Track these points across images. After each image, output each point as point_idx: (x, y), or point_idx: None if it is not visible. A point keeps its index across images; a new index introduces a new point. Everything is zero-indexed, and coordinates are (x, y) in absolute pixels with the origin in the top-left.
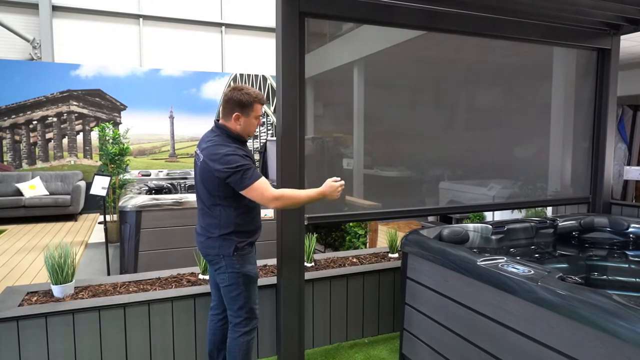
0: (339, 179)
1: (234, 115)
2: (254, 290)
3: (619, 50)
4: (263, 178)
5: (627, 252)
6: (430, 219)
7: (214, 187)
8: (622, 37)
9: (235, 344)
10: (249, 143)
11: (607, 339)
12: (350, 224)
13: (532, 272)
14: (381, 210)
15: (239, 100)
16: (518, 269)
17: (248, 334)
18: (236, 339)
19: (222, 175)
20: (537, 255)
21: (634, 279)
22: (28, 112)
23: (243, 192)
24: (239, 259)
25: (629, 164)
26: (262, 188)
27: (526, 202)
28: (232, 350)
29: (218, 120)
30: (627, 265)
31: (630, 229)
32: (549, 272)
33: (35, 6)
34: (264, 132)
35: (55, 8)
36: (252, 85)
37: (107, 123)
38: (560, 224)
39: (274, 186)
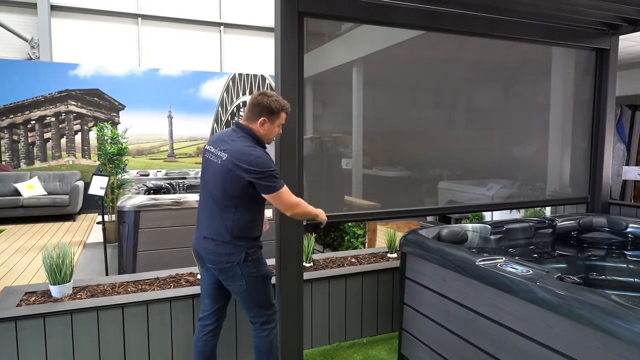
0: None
1: (260, 120)
2: (271, 287)
3: (617, 50)
4: (285, 185)
5: (626, 252)
6: (429, 218)
7: (235, 188)
8: (620, 37)
9: (266, 342)
10: None
11: (605, 338)
12: (349, 224)
13: (531, 272)
14: (378, 210)
15: (268, 106)
16: (517, 269)
17: (275, 329)
18: (265, 337)
19: (251, 177)
20: (535, 255)
21: (632, 279)
22: (26, 112)
23: (269, 196)
24: (254, 262)
25: (627, 164)
26: (288, 193)
27: (525, 202)
28: (263, 349)
29: (238, 122)
30: (625, 265)
31: (628, 229)
32: (548, 272)
33: (33, 6)
34: None
35: (53, 7)
36: (251, 85)
37: (106, 123)
38: (559, 224)
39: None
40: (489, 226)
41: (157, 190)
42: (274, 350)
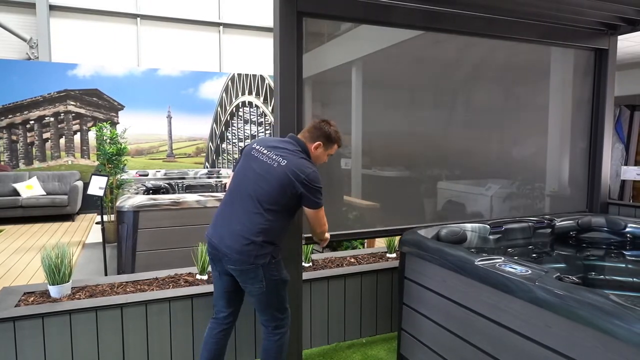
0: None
1: (316, 143)
2: (287, 291)
3: (616, 51)
4: None
5: (625, 252)
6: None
7: (285, 195)
8: (619, 37)
9: (276, 346)
10: (246, 143)
11: (604, 338)
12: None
13: (530, 271)
14: (379, 229)
15: (327, 134)
16: (516, 268)
17: (286, 334)
18: (276, 342)
19: (304, 190)
20: (534, 255)
21: (631, 279)
22: (25, 112)
23: (311, 211)
24: (277, 265)
25: (626, 164)
26: (323, 212)
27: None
28: (272, 352)
29: (295, 136)
30: (624, 265)
31: (627, 229)
32: (547, 272)
33: (32, 5)
34: (262, 132)
35: (52, 7)
36: (250, 85)
37: (105, 123)
38: (557, 224)
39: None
40: (488, 226)
41: (156, 190)
42: (283, 356)
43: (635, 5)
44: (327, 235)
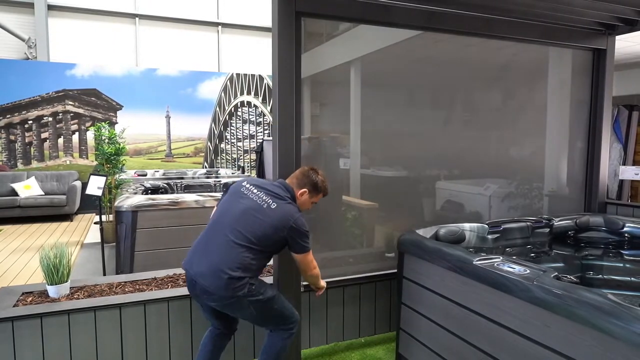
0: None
1: (303, 190)
2: (283, 301)
3: (614, 51)
4: None
5: (623, 252)
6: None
7: (270, 237)
8: (617, 37)
9: (277, 346)
10: (245, 143)
11: (602, 337)
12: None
13: (528, 271)
14: (380, 273)
15: (314, 183)
16: (514, 268)
17: (290, 337)
18: (283, 340)
19: (292, 234)
20: (533, 254)
21: (629, 278)
22: (23, 112)
23: (299, 255)
24: (257, 288)
25: (624, 164)
26: (312, 257)
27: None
28: (272, 351)
29: (285, 182)
30: (622, 265)
31: (625, 229)
32: (545, 272)
33: (30, 5)
34: (260, 132)
35: (50, 7)
36: (249, 85)
37: (103, 123)
38: (555, 224)
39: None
40: (487, 225)
41: (155, 190)
42: (282, 356)
43: (633, 6)
44: (323, 283)
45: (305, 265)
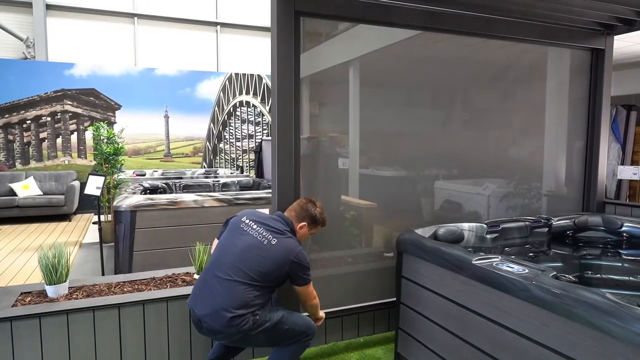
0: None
1: (302, 223)
2: (292, 317)
3: (612, 51)
4: None
5: (621, 251)
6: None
7: (272, 272)
8: (615, 37)
9: (289, 357)
10: (244, 142)
11: (600, 337)
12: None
13: (527, 270)
14: (380, 301)
15: (313, 216)
16: (513, 267)
17: (306, 347)
18: (294, 352)
19: (293, 268)
20: (531, 254)
21: (627, 278)
22: (22, 112)
23: (301, 287)
24: (262, 317)
25: (622, 164)
26: (312, 288)
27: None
28: (287, 354)
29: (285, 215)
30: (620, 264)
31: (623, 228)
32: (544, 271)
33: (29, 5)
34: (259, 132)
35: (49, 7)
36: (248, 85)
37: (102, 122)
38: (554, 223)
39: (268, 187)
40: (485, 225)
41: (154, 190)
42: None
43: (631, 6)
44: (322, 314)
45: (305, 296)
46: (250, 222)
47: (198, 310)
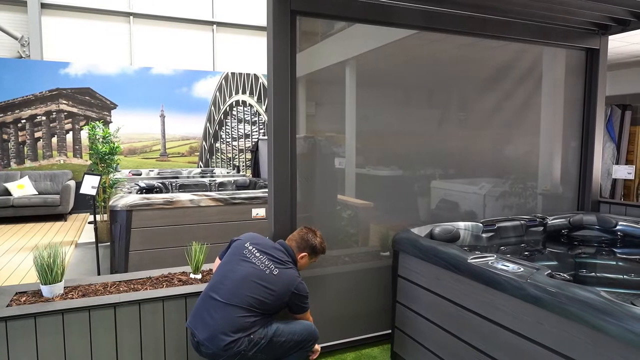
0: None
1: (303, 254)
2: (290, 325)
3: (607, 51)
4: None
5: (615, 250)
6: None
7: (273, 301)
8: (610, 37)
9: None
10: (241, 142)
11: (595, 334)
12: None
13: (522, 269)
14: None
15: (313, 246)
16: (508, 266)
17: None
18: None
19: (293, 299)
20: (526, 253)
21: (621, 276)
22: (16, 111)
23: (298, 314)
24: (256, 337)
25: (617, 163)
26: (309, 313)
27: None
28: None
29: (287, 245)
30: (615, 263)
31: (618, 227)
32: (538, 270)
33: (23, 3)
34: (256, 131)
35: (44, 5)
36: (244, 84)
37: (98, 122)
38: (549, 222)
39: (264, 186)
40: (481, 224)
41: (150, 189)
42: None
43: (625, 6)
44: (318, 347)
45: (304, 319)
46: (254, 249)
47: (198, 335)
